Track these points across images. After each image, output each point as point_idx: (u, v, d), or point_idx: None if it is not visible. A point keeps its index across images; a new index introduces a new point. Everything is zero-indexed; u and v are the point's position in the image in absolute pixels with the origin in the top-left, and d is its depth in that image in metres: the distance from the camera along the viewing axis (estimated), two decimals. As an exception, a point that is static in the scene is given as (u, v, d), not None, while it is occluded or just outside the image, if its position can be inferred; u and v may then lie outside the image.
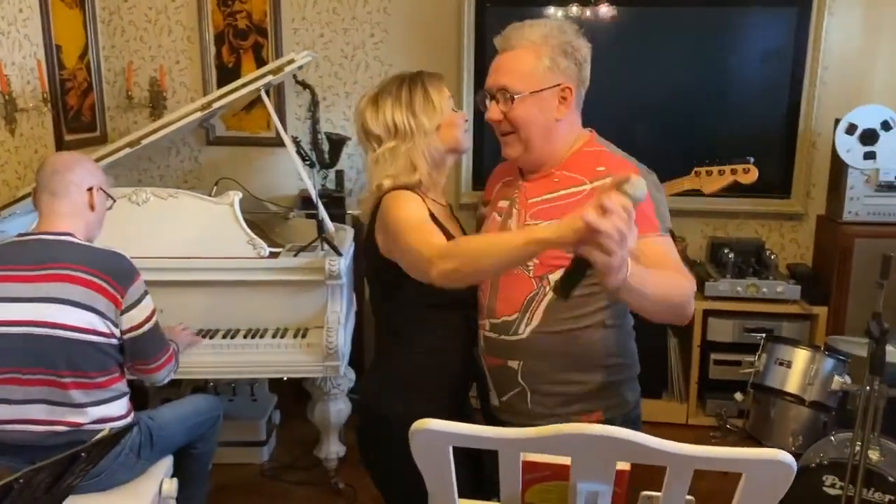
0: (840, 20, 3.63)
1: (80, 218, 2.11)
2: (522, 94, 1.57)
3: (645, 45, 3.76)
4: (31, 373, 1.95)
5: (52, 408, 1.97)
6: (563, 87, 1.57)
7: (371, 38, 3.93)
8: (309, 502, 2.95)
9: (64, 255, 2.02)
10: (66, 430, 1.98)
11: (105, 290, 2.01)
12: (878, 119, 3.33)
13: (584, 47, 1.59)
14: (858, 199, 3.43)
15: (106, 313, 2.01)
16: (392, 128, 1.75)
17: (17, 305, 1.95)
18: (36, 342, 1.95)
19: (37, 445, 1.95)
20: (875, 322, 2.13)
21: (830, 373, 2.62)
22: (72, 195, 2.10)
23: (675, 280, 1.45)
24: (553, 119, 1.59)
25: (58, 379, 1.97)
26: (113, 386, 2.06)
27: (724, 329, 3.55)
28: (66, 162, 2.16)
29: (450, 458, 1.09)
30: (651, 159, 2.59)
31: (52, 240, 2.05)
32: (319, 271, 2.66)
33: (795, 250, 3.92)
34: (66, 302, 1.97)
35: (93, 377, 2.01)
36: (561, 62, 1.56)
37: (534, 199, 1.63)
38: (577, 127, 1.66)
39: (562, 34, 1.57)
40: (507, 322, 1.62)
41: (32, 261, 2.00)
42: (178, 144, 4.12)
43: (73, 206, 2.10)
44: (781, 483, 1.00)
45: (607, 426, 1.01)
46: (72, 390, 1.98)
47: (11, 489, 1.09)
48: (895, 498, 2.34)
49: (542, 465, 1.09)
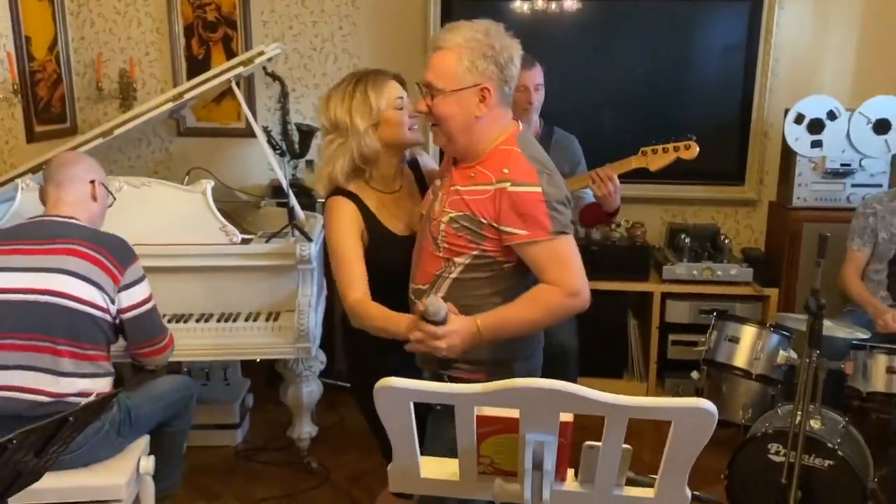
0: (790, 14, 3.80)
1: (84, 207, 2.28)
2: (443, 91, 1.72)
3: (606, 37, 3.90)
4: (28, 338, 2.06)
5: (39, 375, 2.06)
6: (482, 87, 1.69)
7: (340, 31, 4.02)
8: (283, 482, 3.04)
9: (69, 232, 2.18)
10: (50, 400, 2.05)
11: (105, 265, 2.15)
12: (824, 109, 3.50)
13: (507, 49, 1.70)
14: (806, 186, 3.60)
15: (105, 287, 2.14)
16: (334, 122, 1.96)
17: (21, 275, 2.09)
18: (38, 309, 2.07)
19: (21, 416, 2.02)
20: (813, 298, 2.28)
21: (776, 348, 2.78)
22: (76, 185, 2.28)
23: (533, 307, 1.69)
24: (473, 116, 1.72)
25: (53, 346, 2.07)
26: (100, 362, 2.16)
27: (681, 311, 3.71)
28: (71, 157, 2.40)
29: (411, 412, 1.20)
30: (611, 147, 2.72)
31: (57, 221, 2.21)
32: (290, 256, 2.75)
33: (749, 235, 4.09)
34: (68, 273, 2.10)
35: (85, 348, 2.12)
36: (480, 64, 1.68)
37: (454, 188, 1.79)
38: (501, 122, 1.77)
39: (486, 37, 1.69)
40: (420, 290, 1.84)
41: (38, 237, 2.16)
42: (149, 135, 4.17)
43: (77, 196, 2.27)
44: (705, 428, 1.12)
45: (554, 380, 1.12)
46: (65, 358, 2.08)
47: (6, 449, 1.18)
48: (834, 463, 2.50)
49: (494, 419, 1.20)
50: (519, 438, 1.21)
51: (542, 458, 1.19)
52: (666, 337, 3.73)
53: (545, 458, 1.19)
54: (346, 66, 4.05)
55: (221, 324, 2.74)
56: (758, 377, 2.87)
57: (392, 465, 1.31)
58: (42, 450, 1.31)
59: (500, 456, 1.27)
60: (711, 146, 3.24)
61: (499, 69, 1.69)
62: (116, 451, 2.23)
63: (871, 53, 3.80)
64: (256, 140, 4.16)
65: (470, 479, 1.29)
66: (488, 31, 1.71)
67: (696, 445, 1.16)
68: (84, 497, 2.10)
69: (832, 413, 2.69)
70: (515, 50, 1.74)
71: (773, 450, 2.59)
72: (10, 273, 2.09)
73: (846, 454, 2.50)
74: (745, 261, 3.74)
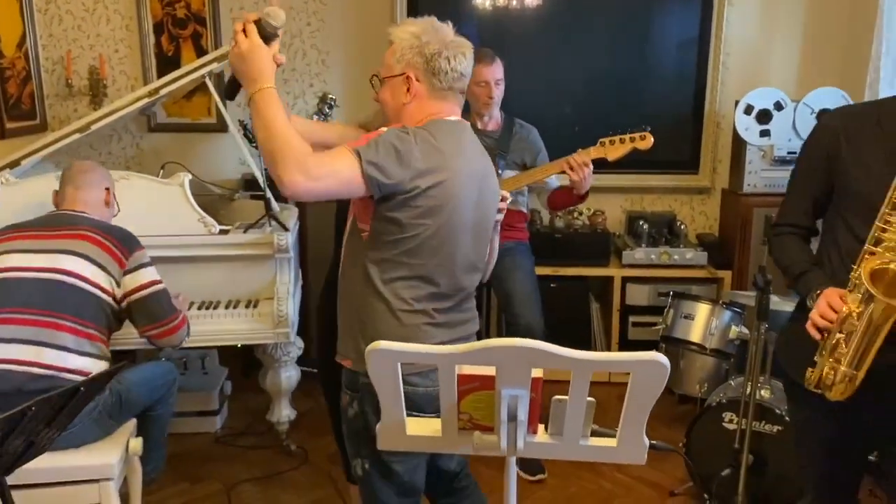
0: (739, 11, 4.00)
1: (97, 209, 2.48)
2: (382, 79, 1.87)
3: (566, 32, 4.05)
4: (34, 313, 2.18)
5: (40, 349, 2.16)
6: (406, 75, 1.81)
7: (308, 27, 4.11)
8: (263, 464, 3.15)
9: (80, 221, 2.38)
10: (43, 373, 2.13)
11: (112, 250, 2.33)
12: (771, 100, 3.70)
13: (438, 44, 1.79)
14: (756, 173, 3.81)
15: (111, 271, 2.31)
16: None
17: (33, 255, 2.24)
18: (48, 286, 2.21)
19: (16, 390, 2.10)
20: (760, 275, 2.46)
21: (728, 323, 2.97)
22: (93, 190, 2.51)
23: (282, 127, 1.62)
24: (401, 103, 1.84)
25: (58, 321, 2.19)
26: (99, 343, 2.27)
27: (640, 294, 3.90)
28: (90, 165, 2.63)
29: (398, 373, 1.34)
30: (569, 138, 2.87)
31: (69, 213, 2.41)
32: (268, 246, 2.85)
33: (704, 221, 4.30)
34: (78, 255, 2.26)
35: (88, 326, 2.24)
36: (407, 55, 1.80)
37: None
38: (426, 111, 1.84)
39: (417, 31, 1.80)
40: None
41: (51, 225, 2.35)
42: (120, 131, 4.22)
43: (92, 198, 2.49)
44: (659, 379, 1.27)
45: (527, 339, 1.27)
46: (66, 333, 2.20)
47: (24, 416, 1.28)
48: (782, 428, 2.70)
49: (473, 377, 1.34)
50: (495, 394, 1.35)
51: (516, 411, 1.33)
52: (626, 319, 3.91)
53: (518, 411, 1.33)
54: (315, 62, 4.15)
55: (203, 311, 2.83)
56: (712, 351, 3.06)
57: (380, 424, 1.44)
58: (53, 420, 1.40)
59: (477, 412, 1.40)
60: (667, 137, 3.42)
61: (424, 60, 1.79)
62: (106, 434, 2.32)
63: (813, 48, 4.03)
64: (227, 135, 4.28)
65: (451, 435, 1.43)
66: (422, 27, 1.83)
67: (651, 395, 1.31)
68: (77, 476, 2.19)
69: (780, 383, 2.89)
70: (452, 46, 1.80)
71: (727, 418, 2.78)
72: (24, 254, 2.25)
73: (793, 420, 2.69)
74: (700, 245, 3.94)
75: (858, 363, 1.58)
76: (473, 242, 1.84)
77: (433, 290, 1.78)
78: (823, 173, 1.77)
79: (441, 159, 1.72)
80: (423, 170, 1.69)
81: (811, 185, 1.82)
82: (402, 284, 1.76)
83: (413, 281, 1.76)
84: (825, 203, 1.81)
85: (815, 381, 1.67)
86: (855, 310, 1.57)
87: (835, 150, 1.73)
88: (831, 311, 1.61)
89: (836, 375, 1.61)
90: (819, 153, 1.78)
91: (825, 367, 1.64)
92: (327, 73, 4.17)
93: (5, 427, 1.27)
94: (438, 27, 1.84)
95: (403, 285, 1.76)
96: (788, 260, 1.83)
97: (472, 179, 1.81)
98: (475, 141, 1.89)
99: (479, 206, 1.83)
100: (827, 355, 1.63)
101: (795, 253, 1.82)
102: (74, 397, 1.39)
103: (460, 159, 1.77)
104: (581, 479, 3.10)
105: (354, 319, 1.81)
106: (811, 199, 1.83)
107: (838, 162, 1.72)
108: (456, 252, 1.79)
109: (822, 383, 1.65)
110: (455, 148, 1.78)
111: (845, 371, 1.60)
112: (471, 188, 1.80)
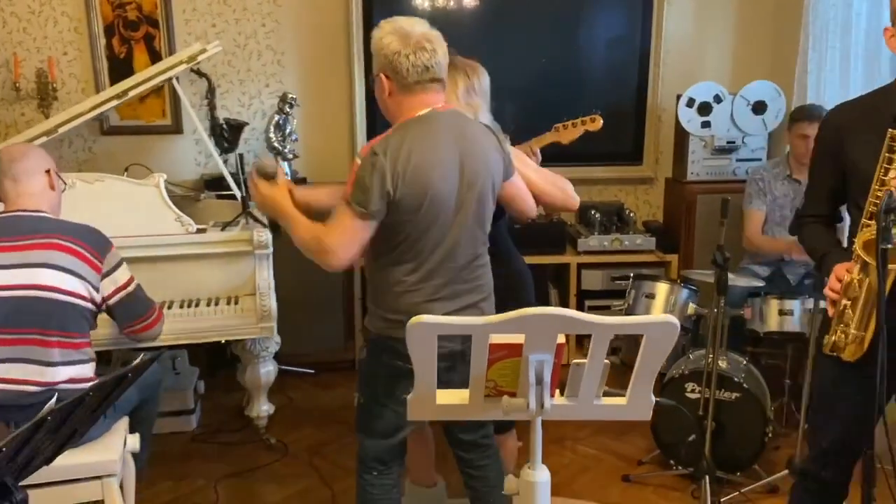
0: (677, 10, 4.26)
1: (45, 198, 2.33)
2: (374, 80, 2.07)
3: (513, 30, 4.21)
4: (18, 332, 2.15)
5: (28, 367, 2.15)
6: (380, 76, 2.01)
7: (263, 28, 4.15)
8: (245, 458, 3.19)
9: (45, 226, 2.24)
10: (39, 390, 2.15)
11: (86, 256, 2.25)
12: (711, 93, 3.96)
13: (395, 44, 1.95)
14: (698, 162, 4.07)
15: (87, 278, 2.24)
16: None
17: (9, 272, 2.16)
18: (28, 304, 2.15)
19: (11, 405, 2.11)
20: (719, 253, 2.67)
21: (686, 301, 3.18)
22: (33, 178, 2.32)
23: (306, 229, 2.04)
24: (383, 99, 2.05)
25: (43, 338, 2.16)
26: (84, 349, 2.27)
27: (595, 279, 4.11)
28: (22, 150, 2.39)
29: (435, 346, 1.45)
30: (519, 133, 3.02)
31: (28, 216, 2.27)
32: (246, 243, 2.91)
33: (648, 210, 4.55)
34: (54, 267, 2.19)
35: (73, 337, 2.22)
36: (378, 57, 2.00)
37: None
38: (404, 108, 2.02)
39: (385, 35, 1.97)
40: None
41: (17, 233, 2.21)
42: (71, 135, 4.14)
43: (37, 188, 2.32)
44: (670, 338, 1.43)
45: (556, 307, 1.40)
46: (54, 348, 2.18)
47: (84, 400, 1.33)
48: (740, 395, 2.93)
49: (502, 346, 1.46)
50: (521, 361, 1.48)
51: (542, 375, 1.47)
52: (583, 303, 4.11)
53: (544, 374, 1.47)
54: (271, 62, 4.19)
55: (184, 309, 2.86)
56: (672, 327, 3.28)
57: (412, 395, 1.55)
58: (100, 404, 1.46)
59: (502, 379, 1.53)
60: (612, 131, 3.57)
61: (388, 61, 1.96)
62: (104, 431, 2.33)
63: (747, 44, 4.32)
64: (182, 136, 4.30)
65: (477, 402, 1.55)
66: (387, 28, 1.99)
67: (662, 353, 1.47)
68: (85, 474, 2.22)
69: (735, 355, 3.13)
70: (412, 43, 1.94)
71: (689, 388, 2.99)
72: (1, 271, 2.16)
73: (750, 387, 2.93)
74: (648, 231, 4.17)
75: (865, 325, 1.78)
76: (465, 217, 2.02)
77: (427, 271, 2.01)
78: (832, 165, 1.96)
79: (406, 165, 1.91)
80: (392, 185, 1.91)
81: (823, 177, 2.02)
82: (398, 269, 2.02)
83: (407, 265, 2.01)
84: (841, 191, 1.99)
85: (831, 345, 1.87)
86: (856, 278, 1.77)
87: (838, 141, 1.93)
88: (837, 283, 1.81)
89: (847, 338, 1.81)
90: (825, 148, 1.99)
91: (837, 331, 1.83)
92: (283, 73, 4.21)
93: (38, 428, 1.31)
94: (400, 27, 1.98)
95: (399, 270, 2.02)
96: (811, 246, 2.04)
97: (446, 166, 1.97)
98: (451, 126, 2.02)
99: (465, 185, 2.00)
100: (837, 321, 1.83)
101: (815, 239, 2.03)
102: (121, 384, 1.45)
103: (429, 154, 1.95)
104: (549, 452, 3.23)
105: (370, 292, 2.15)
106: (826, 189, 2.02)
107: (842, 151, 1.91)
108: (446, 233, 2.00)
109: (836, 346, 1.85)
110: (422, 144, 1.95)
111: (854, 333, 1.79)
112: (446, 174, 1.97)
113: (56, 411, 1.28)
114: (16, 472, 1.33)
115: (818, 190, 2.05)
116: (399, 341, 1.58)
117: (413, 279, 2.01)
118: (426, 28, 2.00)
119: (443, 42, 2.01)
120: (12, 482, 1.30)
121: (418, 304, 1.99)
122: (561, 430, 3.45)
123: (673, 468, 3.04)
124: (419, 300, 2.00)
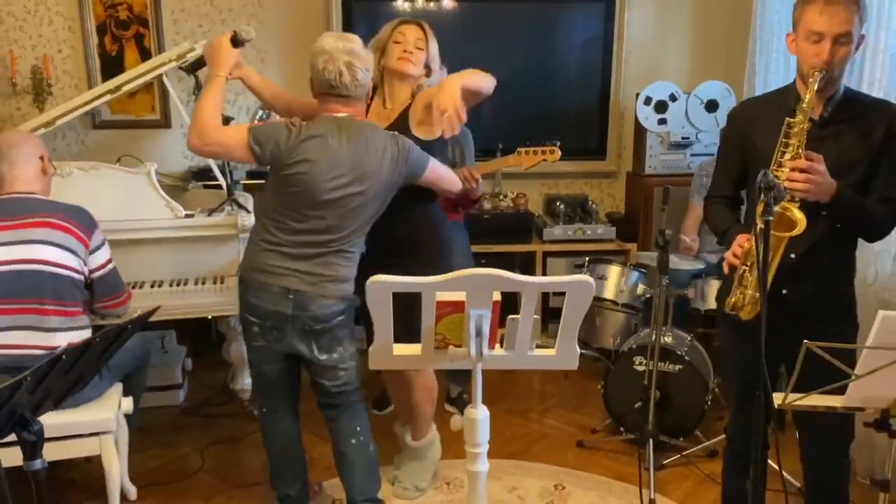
0: (637, 14, 4.55)
1: (38, 182, 2.58)
2: None
3: (483, 34, 4.48)
4: (18, 303, 2.40)
5: (28, 333, 2.40)
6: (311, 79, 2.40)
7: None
8: (229, 428, 3.44)
9: (39, 207, 2.50)
10: (42, 353, 2.39)
11: (76, 233, 2.51)
12: (667, 92, 4.24)
13: (317, 57, 2.33)
14: (656, 157, 4.35)
15: (78, 252, 2.51)
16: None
17: (8, 248, 2.41)
18: (27, 277, 2.41)
19: (15, 367, 2.35)
20: (660, 235, 2.95)
21: (636, 282, 3.47)
22: (28, 162, 2.56)
23: (209, 111, 2.35)
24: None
25: (41, 307, 2.42)
26: (80, 317, 2.53)
27: (559, 266, 4.39)
28: (19, 137, 2.64)
29: (390, 302, 1.71)
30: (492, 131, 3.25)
31: (23, 198, 2.51)
32: (232, 227, 3.15)
33: (611, 202, 4.83)
34: (49, 243, 2.45)
35: (69, 306, 2.48)
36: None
37: None
38: (321, 107, 2.41)
39: (315, 50, 2.35)
40: None
41: (12, 213, 2.46)
42: (64, 129, 4.36)
43: (31, 172, 2.56)
44: (587, 296, 1.70)
45: (491, 268, 1.67)
46: (52, 316, 2.43)
47: (91, 345, 1.58)
48: (683, 367, 3.20)
49: (447, 303, 1.73)
50: (464, 316, 1.74)
51: (481, 327, 1.73)
52: (548, 289, 4.38)
53: (483, 327, 1.73)
54: (254, 62, 4.42)
55: (173, 287, 3.11)
56: (623, 306, 3.56)
57: (372, 346, 1.81)
58: (104, 353, 1.71)
59: (449, 332, 1.79)
60: (577, 128, 3.86)
61: (312, 70, 2.36)
62: (99, 394, 2.58)
63: (701, 47, 4.62)
64: (171, 130, 4.52)
65: (429, 353, 1.81)
66: (320, 44, 2.36)
67: (581, 309, 1.73)
68: (84, 430, 2.48)
69: (680, 332, 3.41)
70: (325, 58, 2.32)
71: (637, 361, 3.27)
72: (2, 247, 2.41)
73: (692, 360, 3.21)
74: (609, 222, 4.46)
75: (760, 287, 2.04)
76: (334, 211, 2.31)
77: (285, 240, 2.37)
78: (737, 152, 2.22)
79: (305, 147, 2.27)
80: (286, 152, 2.27)
81: (729, 163, 2.27)
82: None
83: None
84: (744, 176, 2.24)
85: (731, 305, 2.11)
86: (753, 246, 2.04)
87: (744, 130, 2.18)
88: (739, 248, 2.06)
89: (745, 298, 2.06)
90: (732, 136, 2.25)
91: (737, 293, 2.08)
92: (266, 72, 4.44)
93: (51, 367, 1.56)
94: (327, 42, 2.35)
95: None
96: (716, 223, 2.29)
97: (336, 164, 2.28)
98: (357, 133, 2.34)
99: (350, 183, 2.30)
100: (737, 284, 2.08)
101: (720, 217, 2.28)
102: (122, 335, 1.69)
103: (325, 148, 2.28)
104: (514, 424, 3.53)
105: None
106: (731, 174, 2.27)
107: (748, 138, 2.17)
108: (310, 217, 2.32)
109: (736, 306, 2.10)
110: (324, 140, 2.29)
111: (751, 294, 2.05)
112: (332, 169, 2.27)
113: (69, 351, 1.53)
114: (32, 408, 1.57)
115: (724, 174, 2.31)
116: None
117: (272, 241, 2.34)
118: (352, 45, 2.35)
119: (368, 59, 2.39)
120: (30, 415, 1.53)
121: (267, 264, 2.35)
122: (526, 403, 3.73)
123: (622, 434, 3.31)
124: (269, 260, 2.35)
